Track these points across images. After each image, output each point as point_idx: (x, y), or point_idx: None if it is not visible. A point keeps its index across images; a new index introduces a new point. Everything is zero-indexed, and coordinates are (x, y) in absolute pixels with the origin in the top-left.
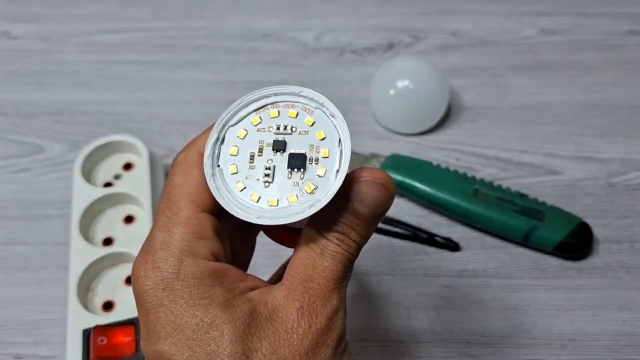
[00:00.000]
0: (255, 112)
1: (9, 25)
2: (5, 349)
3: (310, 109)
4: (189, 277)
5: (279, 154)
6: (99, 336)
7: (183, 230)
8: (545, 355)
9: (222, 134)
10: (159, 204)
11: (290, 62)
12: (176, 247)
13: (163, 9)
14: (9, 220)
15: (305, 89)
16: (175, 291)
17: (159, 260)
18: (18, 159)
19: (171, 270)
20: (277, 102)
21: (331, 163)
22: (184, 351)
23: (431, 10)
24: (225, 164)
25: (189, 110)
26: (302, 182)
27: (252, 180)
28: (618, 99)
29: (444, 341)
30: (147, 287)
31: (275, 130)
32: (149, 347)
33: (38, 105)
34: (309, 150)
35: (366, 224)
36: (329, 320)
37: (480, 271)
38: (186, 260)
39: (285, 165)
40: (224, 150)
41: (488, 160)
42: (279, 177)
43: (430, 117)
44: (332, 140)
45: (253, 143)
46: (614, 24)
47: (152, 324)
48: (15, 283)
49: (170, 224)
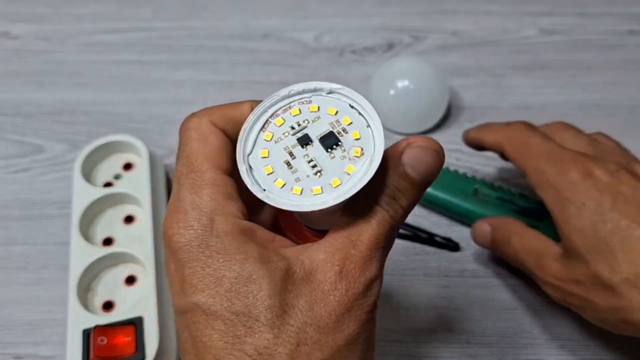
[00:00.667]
0: (270, 119)
1: (9, 25)
2: (5, 349)
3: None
4: (222, 234)
5: (309, 147)
6: (99, 336)
7: (211, 191)
8: (545, 355)
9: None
10: (177, 166)
11: (290, 62)
12: (206, 207)
13: (163, 9)
14: (9, 220)
15: (317, 82)
16: (210, 247)
17: (191, 219)
18: (18, 159)
19: (204, 228)
20: (291, 104)
21: (366, 140)
22: (222, 302)
23: (431, 10)
24: (261, 173)
25: (189, 110)
26: (348, 151)
27: (304, 181)
28: (618, 99)
29: (444, 341)
30: (181, 244)
31: (291, 132)
32: (185, 299)
33: (38, 105)
34: (333, 127)
35: (415, 190)
36: (366, 287)
37: (480, 271)
38: (218, 218)
39: (323, 150)
40: (254, 162)
41: (488, 160)
42: (325, 163)
43: (430, 117)
44: (358, 121)
45: (279, 154)
46: (614, 24)
47: (189, 278)
48: (15, 283)
49: (197, 185)
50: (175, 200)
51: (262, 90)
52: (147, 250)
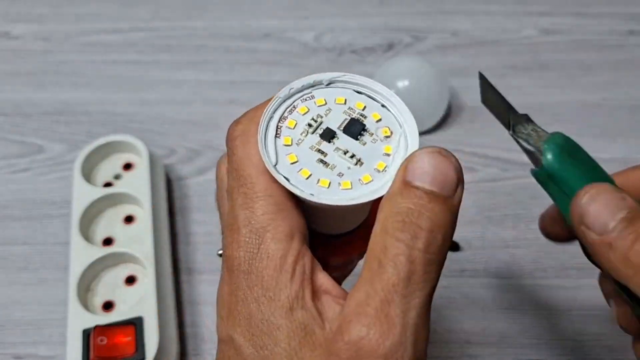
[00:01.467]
0: (279, 123)
1: (9, 25)
2: (5, 349)
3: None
4: (265, 257)
5: (335, 140)
6: (99, 336)
7: (264, 204)
8: (545, 355)
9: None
10: (229, 180)
11: (290, 62)
12: (258, 223)
13: (163, 9)
14: (9, 220)
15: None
16: (250, 275)
17: (242, 239)
18: (18, 159)
19: (253, 248)
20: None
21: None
22: (248, 346)
23: (431, 10)
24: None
25: (189, 110)
26: (376, 133)
27: (348, 174)
28: (618, 99)
29: (444, 341)
30: (234, 268)
31: (310, 130)
32: (226, 330)
33: (38, 105)
34: (349, 115)
35: (439, 205)
36: (390, 354)
37: (480, 271)
38: (267, 236)
39: (351, 139)
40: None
41: (488, 160)
42: (360, 150)
43: (430, 117)
44: (370, 104)
45: (308, 155)
46: (614, 24)
47: (233, 307)
48: (15, 283)
49: (249, 199)
50: (231, 217)
51: (262, 90)
52: (147, 250)
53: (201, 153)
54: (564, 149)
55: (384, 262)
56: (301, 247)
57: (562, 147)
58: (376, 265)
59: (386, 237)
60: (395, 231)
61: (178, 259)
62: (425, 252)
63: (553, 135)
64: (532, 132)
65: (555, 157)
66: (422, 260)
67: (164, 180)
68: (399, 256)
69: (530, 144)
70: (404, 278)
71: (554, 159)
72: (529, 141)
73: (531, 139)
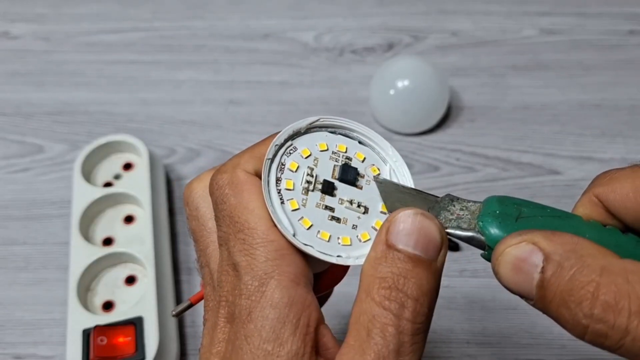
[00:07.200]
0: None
1: (9, 25)
2: (5, 349)
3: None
4: (268, 306)
5: (336, 191)
6: (99, 336)
7: (265, 250)
8: (545, 355)
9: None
10: (219, 230)
11: (290, 62)
12: (261, 269)
13: (163, 9)
14: (9, 220)
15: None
16: (249, 325)
17: (244, 287)
18: (18, 159)
19: (255, 297)
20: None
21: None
22: None
23: (431, 10)
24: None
25: (189, 110)
26: (367, 174)
27: (361, 226)
28: (618, 99)
29: (444, 341)
30: (235, 316)
31: (310, 188)
32: None
33: (38, 105)
34: (337, 161)
35: (418, 268)
36: None
37: (480, 271)
38: (271, 283)
39: (350, 187)
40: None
41: (488, 160)
42: (361, 197)
43: (430, 117)
44: (350, 143)
45: (318, 215)
46: (614, 24)
47: (227, 356)
48: (15, 283)
49: (249, 246)
50: (226, 265)
51: (262, 90)
52: (147, 250)
53: (201, 153)
54: (503, 214)
55: (373, 333)
56: (307, 295)
57: (498, 213)
58: (365, 334)
59: (372, 304)
60: (382, 299)
61: (178, 259)
62: (413, 322)
63: (484, 204)
64: (461, 212)
65: (498, 228)
66: (411, 330)
67: (164, 180)
68: (387, 327)
69: (464, 229)
70: (394, 350)
71: (498, 231)
72: (461, 226)
73: (463, 222)
